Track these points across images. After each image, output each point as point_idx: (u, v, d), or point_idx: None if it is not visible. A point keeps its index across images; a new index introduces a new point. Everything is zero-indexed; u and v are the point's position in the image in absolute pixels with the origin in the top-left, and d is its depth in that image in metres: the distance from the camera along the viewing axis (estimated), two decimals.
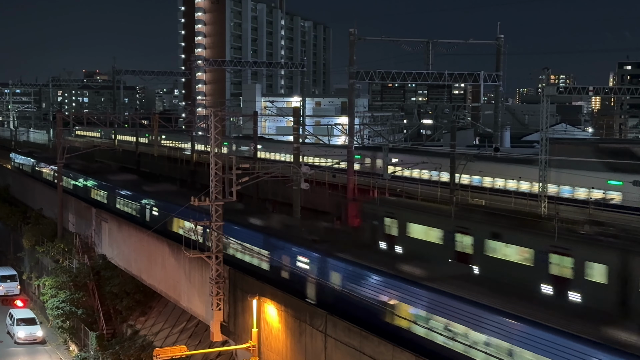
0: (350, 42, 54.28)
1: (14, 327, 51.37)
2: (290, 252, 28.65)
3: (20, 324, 51.33)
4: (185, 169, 69.95)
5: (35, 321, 52.02)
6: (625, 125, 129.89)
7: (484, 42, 68.21)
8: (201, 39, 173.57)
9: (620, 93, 59.48)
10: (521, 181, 42.68)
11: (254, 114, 61.51)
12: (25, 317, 52.62)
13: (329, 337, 24.04)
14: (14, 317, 52.34)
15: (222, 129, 32.09)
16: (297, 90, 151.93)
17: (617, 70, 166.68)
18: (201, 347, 36.12)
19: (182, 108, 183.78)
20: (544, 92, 42.37)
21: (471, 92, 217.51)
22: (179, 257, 35.17)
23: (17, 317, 52.26)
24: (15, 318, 52.04)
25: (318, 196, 50.35)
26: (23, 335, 50.57)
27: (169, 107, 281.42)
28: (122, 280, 46.09)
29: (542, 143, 38.18)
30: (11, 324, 52.24)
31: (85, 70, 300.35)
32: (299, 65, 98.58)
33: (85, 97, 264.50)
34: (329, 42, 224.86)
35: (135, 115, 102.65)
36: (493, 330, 19.44)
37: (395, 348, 21.21)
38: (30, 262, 63.08)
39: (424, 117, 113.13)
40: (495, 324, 19.44)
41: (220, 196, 29.81)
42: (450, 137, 46.30)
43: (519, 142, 77.34)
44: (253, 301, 27.85)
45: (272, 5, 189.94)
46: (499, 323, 19.38)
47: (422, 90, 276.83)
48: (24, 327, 51.09)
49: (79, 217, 54.68)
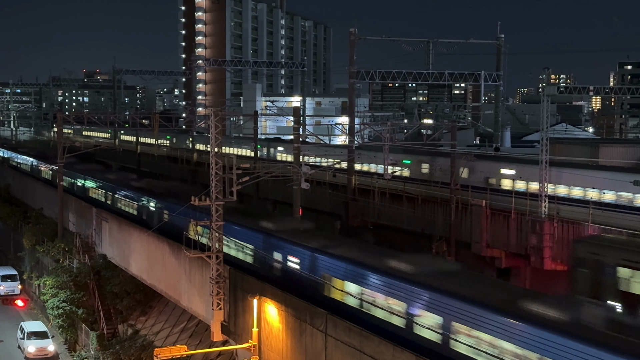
0: (350, 42, 54.32)
1: (25, 341, 48.24)
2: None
3: (32, 338, 48.23)
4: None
5: (47, 334, 49.08)
6: (626, 125, 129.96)
7: (484, 42, 68.23)
8: (201, 38, 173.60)
9: (621, 93, 59.54)
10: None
11: (255, 113, 61.58)
12: (37, 330, 49.44)
13: (330, 336, 24.05)
14: (24, 330, 49.11)
15: (222, 128, 32.08)
16: (297, 90, 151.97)
17: (618, 70, 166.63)
18: (201, 346, 36.11)
19: (183, 108, 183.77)
20: (544, 91, 42.38)
21: (471, 92, 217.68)
22: (180, 257, 35.18)
23: (28, 330, 49.04)
24: (26, 331, 48.82)
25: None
26: (33, 350, 47.46)
27: (170, 107, 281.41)
28: (122, 280, 46.11)
29: (543, 143, 38.15)
30: (22, 337, 49.14)
31: (85, 69, 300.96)
32: (299, 65, 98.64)
33: (85, 97, 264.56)
34: (329, 42, 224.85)
35: (136, 115, 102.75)
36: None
37: (396, 348, 21.23)
38: (30, 262, 63.11)
39: (424, 117, 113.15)
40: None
41: (221, 196, 29.83)
42: (451, 137, 46.27)
43: (519, 142, 77.31)
44: (253, 301, 27.85)
45: (272, 5, 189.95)
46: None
47: (423, 90, 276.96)
48: (35, 341, 48.02)
49: (79, 217, 54.71)
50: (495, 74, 66.66)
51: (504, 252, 38.15)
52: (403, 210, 43.69)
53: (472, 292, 21.36)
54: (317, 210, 51.37)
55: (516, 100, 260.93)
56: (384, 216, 45.85)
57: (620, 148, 56.36)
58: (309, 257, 27.29)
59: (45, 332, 49.41)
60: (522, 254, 36.79)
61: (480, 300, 20.60)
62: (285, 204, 50.35)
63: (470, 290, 21.57)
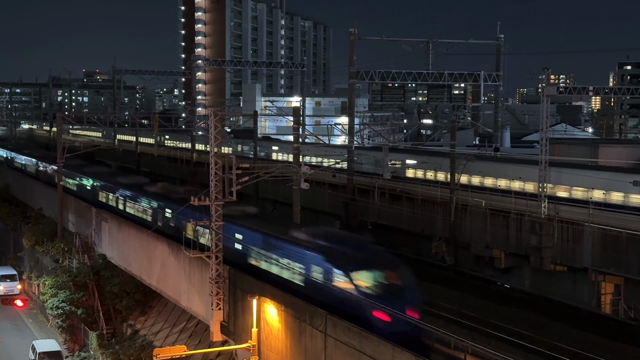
0: (350, 42, 54.31)
1: None
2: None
3: (44, 358, 44.87)
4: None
5: (60, 355, 46.03)
6: (625, 125, 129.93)
7: (484, 42, 68.20)
8: (201, 38, 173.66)
9: (620, 93, 59.43)
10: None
11: (254, 113, 61.54)
12: (50, 350, 45.82)
13: (329, 336, 24.04)
14: (36, 350, 45.56)
15: (222, 128, 32.09)
16: (297, 90, 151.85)
17: (617, 70, 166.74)
18: (201, 346, 36.10)
19: (182, 108, 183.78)
20: (544, 92, 42.33)
21: (471, 92, 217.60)
22: (179, 257, 35.17)
23: (40, 350, 45.37)
24: (38, 352, 45.20)
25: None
26: None
27: (169, 107, 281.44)
28: (122, 279, 46.07)
29: (542, 143, 38.21)
30: (33, 358, 45.65)
31: (85, 69, 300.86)
32: (299, 65, 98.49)
33: (85, 97, 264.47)
34: (329, 42, 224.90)
35: (135, 115, 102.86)
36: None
37: (395, 348, 21.24)
38: (30, 262, 63.10)
39: (424, 117, 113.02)
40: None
41: (220, 196, 29.82)
42: (450, 137, 46.31)
43: (519, 142, 77.27)
44: (253, 301, 27.85)
45: (272, 5, 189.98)
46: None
47: (422, 90, 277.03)
48: None
49: (79, 217, 54.66)
50: (495, 74, 66.60)
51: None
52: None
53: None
54: (316, 210, 51.45)
55: (516, 101, 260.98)
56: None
57: (619, 148, 56.44)
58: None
59: (59, 352, 46.30)
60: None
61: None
62: (285, 204, 50.41)
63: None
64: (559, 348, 27.04)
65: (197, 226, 31.87)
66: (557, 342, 27.83)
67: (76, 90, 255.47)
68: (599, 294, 34.90)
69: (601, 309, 34.78)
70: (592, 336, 29.13)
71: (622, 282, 34.10)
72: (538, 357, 26.25)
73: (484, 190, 43.20)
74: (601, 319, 33.01)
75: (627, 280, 33.64)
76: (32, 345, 46.90)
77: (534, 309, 33.35)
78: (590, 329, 30.26)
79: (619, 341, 28.66)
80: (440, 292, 35.00)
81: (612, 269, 33.89)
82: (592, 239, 34.49)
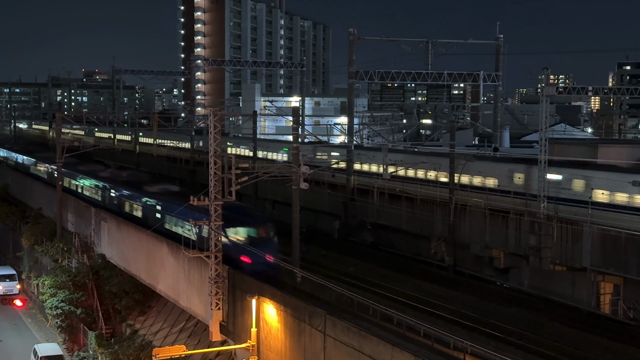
0: (350, 42, 54.30)
1: None
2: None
3: None
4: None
5: (62, 359, 45.84)
6: (625, 125, 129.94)
7: (484, 42, 68.15)
8: (201, 38, 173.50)
9: (620, 93, 59.30)
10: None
11: (254, 113, 61.56)
12: (52, 354, 45.55)
13: (328, 336, 24.04)
14: (38, 354, 45.35)
15: (221, 128, 32.10)
16: (296, 90, 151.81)
17: (617, 71, 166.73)
18: (200, 346, 36.09)
19: (182, 107, 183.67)
20: (544, 92, 42.26)
21: (470, 92, 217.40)
22: (178, 257, 35.16)
23: (42, 354, 45.20)
24: (40, 355, 45.07)
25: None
26: None
27: (169, 107, 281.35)
28: (121, 279, 46.07)
29: (542, 143, 38.19)
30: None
31: (84, 69, 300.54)
32: (298, 65, 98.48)
33: (84, 97, 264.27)
34: (329, 42, 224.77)
35: (135, 115, 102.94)
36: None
37: (394, 348, 21.24)
38: (29, 262, 63.04)
39: (423, 117, 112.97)
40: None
41: (220, 196, 29.82)
42: (450, 137, 46.28)
43: (518, 142, 77.25)
44: (252, 301, 27.85)
45: (271, 5, 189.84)
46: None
47: (422, 90, 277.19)
48: None
49: (78, 217, 54.63)
50: (494, 74, 66.56)
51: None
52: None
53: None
54: (316, 210, 51.43)
55: (515, 101, 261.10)
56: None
57: (619, 148, 56.38)
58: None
59: (60, 356, 45.97)
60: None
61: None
62: (285, 204, 50.37)
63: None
64: (558, 348, 27.03)
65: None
66: (556, 342, 27.82)
67: (75, 90, 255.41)
68: (598, 294, 34.88)
69: (600, 309, 34.77)
70: (591, 336, 29.11)
71: (621, 282, 34.09)
72: (537, 357, 26.23)
73: (484, 191, 43.17)
74: (600, 319, 32.99)
75: (627, 280, 33.63)
76: (33, 349, 46.42)
77: (533, 309, 33.35)
78: (590, 329, 30.25)
79: (618, 341, 28.65)
80: (440, 292, 34.99)
81: (612, 269, 33.89)
82: (592, 239, 34.48)
